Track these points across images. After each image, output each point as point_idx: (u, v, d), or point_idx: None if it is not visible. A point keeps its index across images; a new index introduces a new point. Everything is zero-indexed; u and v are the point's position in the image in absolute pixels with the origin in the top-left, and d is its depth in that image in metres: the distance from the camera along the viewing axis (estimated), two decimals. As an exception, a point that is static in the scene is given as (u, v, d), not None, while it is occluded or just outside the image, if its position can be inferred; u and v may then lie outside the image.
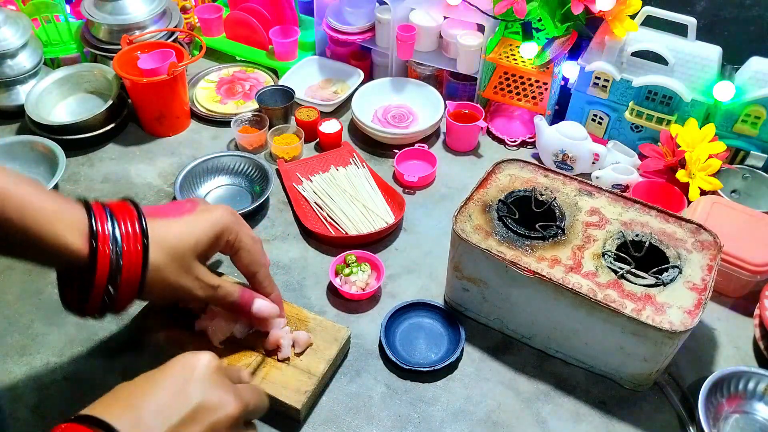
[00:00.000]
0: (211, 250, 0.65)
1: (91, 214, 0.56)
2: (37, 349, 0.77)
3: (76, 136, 1.04)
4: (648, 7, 0.95)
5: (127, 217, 0.58)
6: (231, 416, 0.48)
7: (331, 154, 1.06)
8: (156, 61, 1.06)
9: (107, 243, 0.55)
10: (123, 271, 0.56)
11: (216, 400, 0.47)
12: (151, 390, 0.46)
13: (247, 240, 0.67)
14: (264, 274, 0.70)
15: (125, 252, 0.56)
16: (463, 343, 0.76)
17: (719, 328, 0.81)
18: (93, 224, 0.55)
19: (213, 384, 0.48)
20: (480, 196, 0.78)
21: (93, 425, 0.42)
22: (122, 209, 0.59)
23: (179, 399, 0.46)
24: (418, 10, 1.13)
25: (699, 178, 0.91)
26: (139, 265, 0.57)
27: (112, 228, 0.56)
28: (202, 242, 0.62)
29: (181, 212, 0.64)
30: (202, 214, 0.65)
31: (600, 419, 0.72)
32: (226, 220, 0.65)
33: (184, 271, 0.61)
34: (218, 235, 0.64)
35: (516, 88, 1.12)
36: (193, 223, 0.63)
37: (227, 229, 0.65)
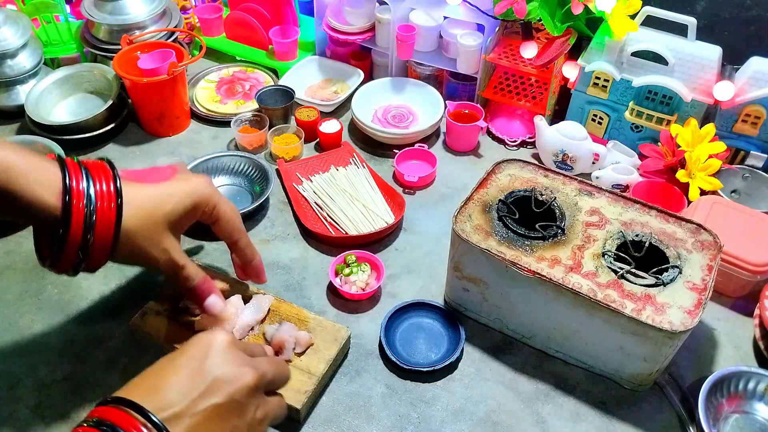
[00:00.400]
0: (187, 219, 0.65)
1: (65, 171, 0.57)
2: (37, 349, 0.77)
3: (76, 136, 1.04)
4: (648, 7, 0.95)
5: (102, 176, 0.59)
6: (248, 385, 0.50)
7: (331, 154, 1.06)
8: (156, 61, 1.06)
9: (81, 200, 0.56)
10: (96, 228, 0.57)
11: (232, 373, 0.50)
12: (171, 370, 0.49)
13: (226, 209, 0.67)
14: (245, 241, 0.71)
15: (99, 209, 0.57)
16: (463, 343, 0.76)
17: (719, 328, 0.81)
18: (67, 181, 0.56)
19: (228, 359, 0.51)
20: (480, 196, 0.78)
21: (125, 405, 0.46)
22: (98, 168, 0.59)
23: (197, 376, 0.49)
24: (418, 10, 1.13)
25: (699, 178, 0.91)
26: (111, 224, 0.58)
27: (86, 186, 0.57)
28: (176, 210, 0.63)
29: (160, 178, 0.64)
30: (180, 182, 0.64)
31: (600, 419, 0.72)
32: (204, 189, 0.65)
33: (155, 239, 0.62)
34: (195, 205, 0.64)
35: (516, 88, 1.12)
36: (170, 190, 0.63)
37: (204, 199, 0.65)
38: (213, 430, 0.48)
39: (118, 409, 0.46)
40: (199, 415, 0.47)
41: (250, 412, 0.51)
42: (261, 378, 0.52)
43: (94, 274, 0.84)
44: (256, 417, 0.52)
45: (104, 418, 0.46)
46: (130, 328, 0.76)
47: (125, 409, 0.46)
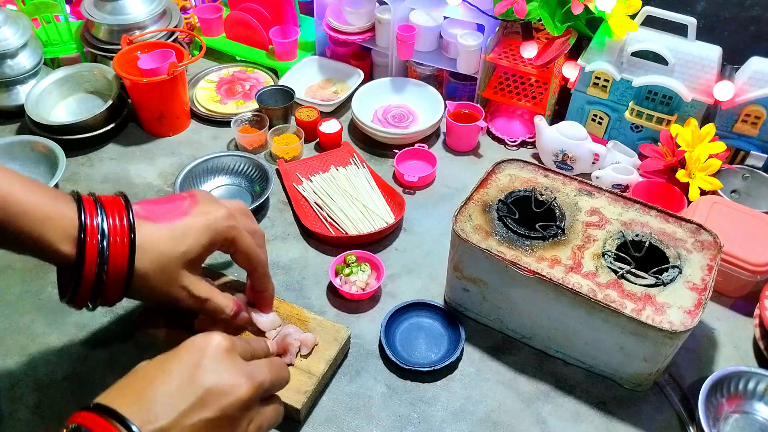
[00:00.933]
0: (205, 254, 0.63)
1: (82, 208, 0.57)
2: (37, 349, 0.77)
3: (76, 136, 1.04)
4: (648, 7, 0.95)
5: (116, 212, 0.58)
6: (242, 399, 0.48)
7: (331, 154, 1.06)
8: (156, 61, 1.06)
9: (95, 237, 0.56)
10: (110, 262, 0.56)
11: (226, 384, 0.48)
12: (161, 377, 0.47)
13: (243, 242, 0.65)
14: (261, 271, 0.69)
15: (111, 244, 0.56)
16: (463, 343, 0.76)
17: (719, 328, 0.81)
18: (82, 218, 0.56)
19: (223, 367, 0.48)
20: (480, 196, 0.78)
21: (106, 414, 0.44)
22: (112, 204, 0.59)
23: (188, 385, 0.46)
24: (418, 10, 1.13)
25: (699, 178, 0.91)
26: (125, 258, 0.57)
27: (101, 221, 0.57)
28: (192, 250, 0.61)
29: (176, 213, 0.62)
30: (197, 218, 0.62)
31: (600, 419, 0.72)
32: (221, 225, 0.63)
33: (171, 280, 0.60)
34: (212, 241, 0.62)
35: (516, 88, 1.12)
36: (185, 229, 0.61)
37: (221, 235, 0.63)
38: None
39: (100, 418, 0.44)
40: (188, 430, 0.45)
41: (242, 426, 0.49)
42: (257, 389, 0.50)
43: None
44: (249, 430, 0.50)
45: (85, 425, 0.44)
46: (130, 327, 0.76)
47: (108, 419, 0.44)
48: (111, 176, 1.03)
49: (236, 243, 0.65)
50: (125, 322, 0.78)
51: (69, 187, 1.00)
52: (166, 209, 0.62)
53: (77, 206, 0.57)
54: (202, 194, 0.66)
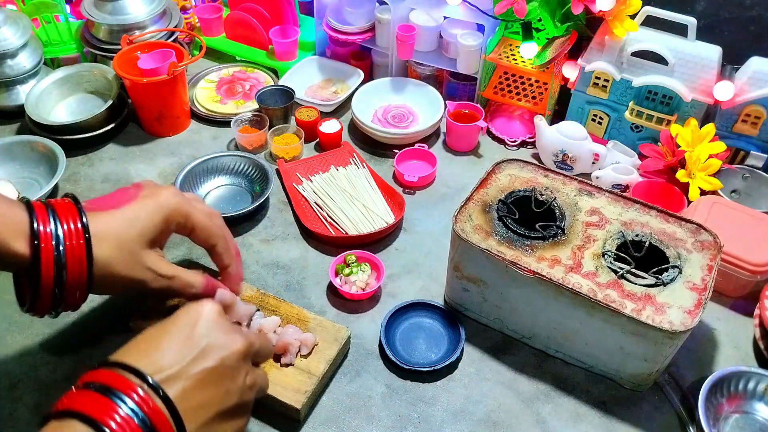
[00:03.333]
0: (162, 236, 0.63)
1: (33, 214, 0.56)
2: (37, 349, 0.77)
3: (76, 136, 1.04)
4: (648, 7, 0.95)
5: (68, 215, 0.57)
6: (239, 351, 0.52)
7: (331, 154, 1.06)
8: (156, 61, 1.06)
9: (49, 241, 0.55)
10: (68, 268, 0.56)
11: (222, 339, 0.52)
12: (163, 337, 0.50)
13: (199, 218, 0.65)
14: (222, 246, 0.68)
15: (68, 248, 0.56)
16: (463, 343, 0.76)
17: (719, 328, 0.81)
18: (34, 225, 0.55)
19: (217, 326, 0.52)
20: (480, 196, 0.78)
21: (118, 368, 0.47)
22: (63, 207, 0.58)
23: (189, 342, 0.50)
24: (418, 10, 1.13)
25: (699, 178, 0.91)
26: (83, 261, 0.57)
27: (54, 227, 0.56)
28: (148, 229, 0.61)
29: (123, 200, 0.62)
30: (145, 200, 0.62)
31: (600, 419, 0.72)
32: (172, 202, 0.63)
33: (134, 262, 0.60)
34: (166, 220, 0.62)
35: (516, 88, 1.12)
36: (136, 211, 0.61)
37: (174, 212, 0.63)
38: (207, 392, 0.49)
39: (111, 371, 0.46)
40: (193, 378, 0.48)
41: (241, 376, 0.52)
42: (250, 346, 0.54)
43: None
44: (246, 383, 0.53)
45: (98, 381, 0.45)
46: (130, 327, 0.76)
47: (119, 371, 0.46)
48: (111, 176, 1.03)
49: (190, 218, 0.65)
50: (125, 322, 0.78)
51: (69, 187, 1.00)
52: (113, 199, 0.62)
53: (28, 211, 0.56)
54: (147, 182, 0.66)
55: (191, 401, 0.48)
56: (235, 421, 0.52)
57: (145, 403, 0.45)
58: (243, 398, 0.53)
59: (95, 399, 0.44)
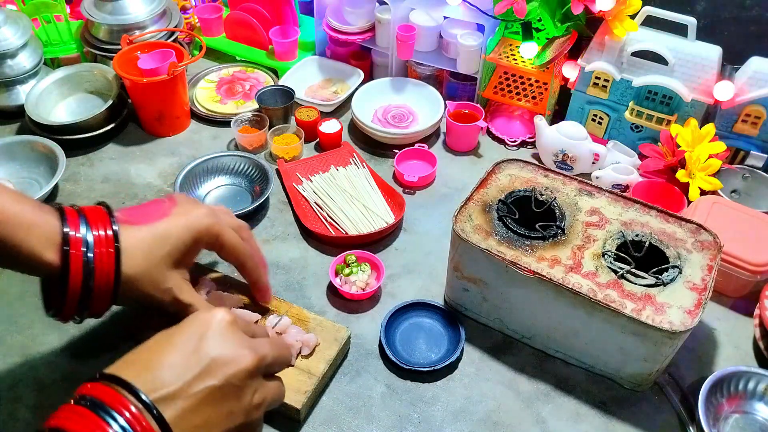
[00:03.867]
0: (190, 255, 0.63)
1: (64, 219, 0.56)
2: (37, 349, 0.77)
3: (76, 136, 1.04)
4: (648, 7, 0.95)
5: (99, 222, 0.58)
6: (246, 369, 0.49)
7: (331, 154, 1.06)
8: (156, 61, 1.06)
9: (79, 248, 0.55)
10: (96, 274, 0.56)
11: (230, 355, 0.49)
12: (167, 349, 0.48)
13: (228, 238, 0.65)
14: (250, 264, 0.69)
15: (97, 255, 0.56)
16: (463, 343, 0.76)
17: (719, 328, 0.81)
18: (66, 230, 0.56)
19: (226, 339, 0.49)
20: (480, 196, 0.78)
21: (114, 383, 0.45)
22: (95, 213, 0.59)
23: (194, 356, 0.47)
24: (418, 10, 1.13)
25: (699, 178, 0.91)
26: (111, 270, 0.57)
27: (85, 233, 0.56)
28: (177, 249, 0.61)
29: (157, 215, 0.62)
30: (178, 218, 0.62)
31: (600, 419, 0.72)
32: (203, 223, 0.63)
33: (157, 281, 0.60)
34: (195, 240, 0.62)
35: (516, 88, 1.12)
36: (168, 228, 0.61)
37: (205, 233, 0.63)
38: (207, 413, 0.46)
39: (107, 387, 0.45)
40: (194, 398, 0.46)
41: (247, 396, 0.50)
42: (260, 361, 0.51)
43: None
44: (253, 402, 0.50)
45: (92, 395, 0.44)
46: (130, 327, 0.76)
47: (115, 386, 0.44)
48: (111, 176, 1.03)
49: (220, 238, 0.65)
50: (125, 321, 0.78)
51: (69, 187, 1.00)
52: (146, 212, 0.62)
53: (60, 217, 0.57)
54: (182, 196, 0.66)
55: (189, 422, 0.45)
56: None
57: (137, 422, 0.43)
58: (249, 418, 0.50)
59: (85, 417, 0.43)
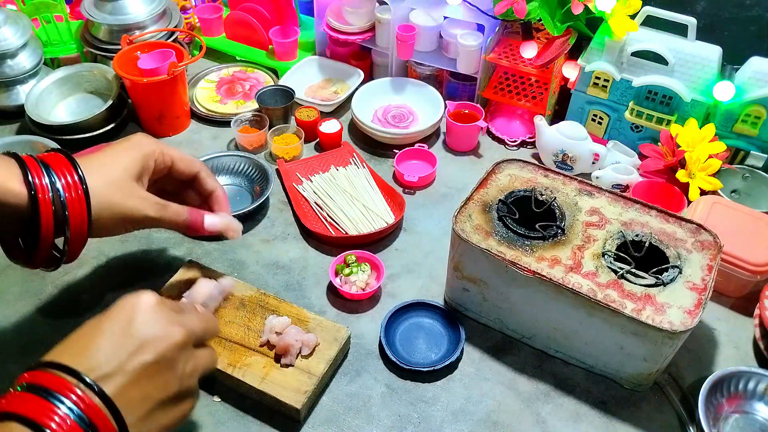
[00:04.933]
0: (144, 171, 0.67)
1: (25, 167, 0.58)
2: (37, 349, 0.76)
3: (76, 136, 1.04)
4: (648, 7, 0.95)
5: (63, 168, 0.60)
6: (176, 343, 0.52)
7: (331, 154, 1.06)
8: (156, 61, 1.06)
9: (47, 193, 0.58)
10: (70, 220, 0.59)
11: (160, 333, 0.51)
12: (98, 334, 0.50)
13: (176, 152, 0.70)
14: (205, 171, 0.73)
15: (69, 200, 0.59)
16: (463, 343, 0.76)
17: (719, 328, 0.81)
18: (29, 177, 0.58)
19: (155, 319, 0.52)
20: (480, 196, 0.78)
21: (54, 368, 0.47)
22: (56, 161, 0.61)
23: (125, 338, 0.50)
24: (418, 10, 1.13)
25: (699, 178, 0.91)
26: (84, 211, 0.59)
27: (49, 180, 0.59)
28: (133, 163, 0.65)
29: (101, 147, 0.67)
30: (121, 143, 0.67)
31: (600, 419, 0.72)
32: (145, 141, 0.68)
33: (128, 192, 0.64)
34: (144, 156, 0.67)
35: (516, 88, 1.12)
36: (116, 150, 0.66)
37: (150, 149, 0.68)
38: (145, 386, 0.49)
39: (48, 373, 0.46)
40: (131, 374, 0.48)
41: (179, 366, 0.52)
42: (189, 335, 0.53)
43: (95, 274, 0.85)
44: (186, 371, 0.53)
45: (35, 382, 0.46)
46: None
47: (55, 372, 0.46)
48: (111, 176, 1.03)
49: (167, 153, 0.70)
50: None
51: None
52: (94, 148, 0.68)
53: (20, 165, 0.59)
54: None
55: (130, 396, 0.48)
56: (177, 407, 0.52)
57: (82, 401, 0.45)
58: (184, 385, 0.53)
59: (34, 401, 0.45)
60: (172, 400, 0.51)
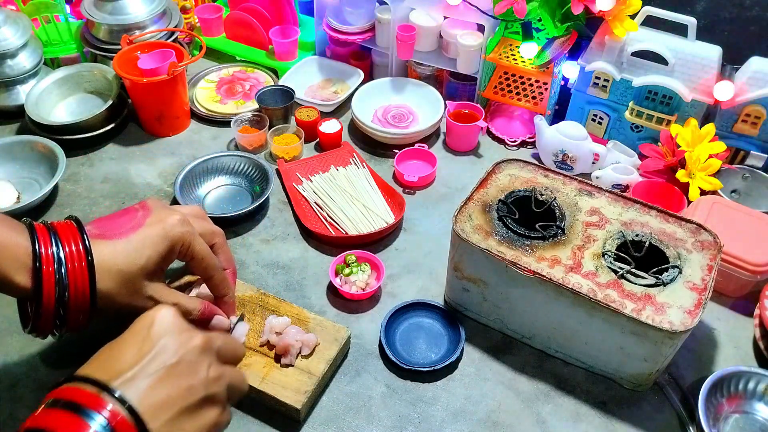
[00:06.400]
0: (164, 263, 0.64)
1: (35, 238, 0.57)
2: (37, 349, 0.77)
3: (76, 136, 1.04)
4: (648, 7, 0.95)
5: (70, 238, 0.58)
6: (196, 345, 0.51)
7: (331, 154, 1.06)
8: (156, 61, 1.06)
9: (51, 264, 0.57)
10: (70, 289, 0.57)
11: (179, 337, 0.51)
12: (121, 348, 0.50)
13: (198, 250, 0.66)
14: (218, 278, 0.69)
15: (70, 270, 0.57)
16: (463, 343, 0.76)
17: (719, 328, 0.81)
18: (36, 248, 0.57)
19: (173, 327, 0.52)
20: (480, 196, 0.78)
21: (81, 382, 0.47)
22: (66, 229, 0.59)
23: (145, 344, 0.50)
24: (418, 10, 1.13)
25: (699, 178, 0.91)
26: (86, 283, 0.58)
27: (56, 250, 0.57)
28: (151, 261, 0.62)
29: (131, 226, 0.62)
30: (152, 228, 0.62)
31: (600, 419, 0.72)
32: (177, 232, 0.63)
33: (135, 294, 0.61)
34: (170, 249, 0.63)
35: (516, 88, 1.12)
36: (142, 241, 0.61)
37: (178, 242, 0.64)
38: (167, 390, 0.48)
39: (71, 387, 0.46)
40: (153, 377, 0.48)
41: (202, 370, 0.51)
42: (209, 341, 0.53)
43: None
44: (210, 376, 0.52)
45: (66, 398, 0.46)
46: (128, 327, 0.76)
47: (78, 384, 0.46)
48: (111, 176, 1.03)
49: (192, 248, 0.65)
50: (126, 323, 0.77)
51: (69, 187, 1.00)
52: (119, 224, 0.62)
53: (30, 235, 0.57)
54: (155, 203, 0.66)
55: (152, 401, 0.47)
56: (204, 415, 0.51)
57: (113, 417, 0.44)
58: (209, 391, 0.51)
59: (65, 417, 0.44)
60: (198, 406, 0.50)
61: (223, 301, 0.71)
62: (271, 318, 0.74)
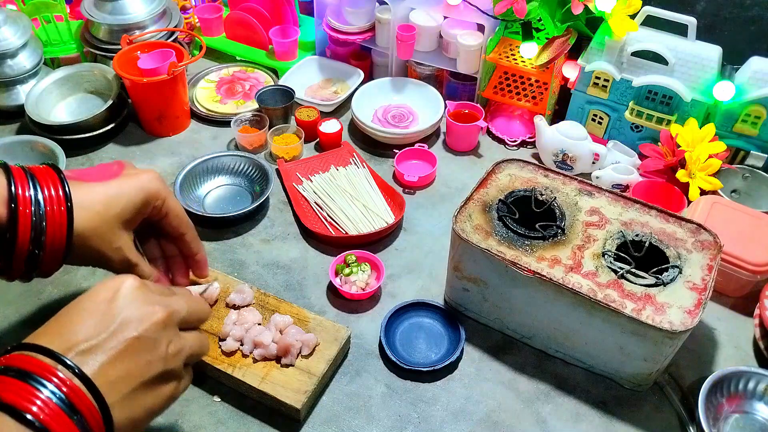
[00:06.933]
0: (138, 216, 0.64)
1: (11, 178, 0.57)
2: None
3: (76, 136, 1.04)
4: (648, 7, 0.95)
5: (49, 181, 0.58)
6: (157, 322, 0.51)
7: (331, 154, 1.06)
8: (156, 61, 1.06)
9: (28, 206, 0.56)
10: (47, 233, 0.57)
11: (139, 313, 0.50)
12: (78, 316, 0.49)
13: (175, 204, 0.67)
14: (191, 235, 0.70)
15: (48, 214, 0.57)
16: (463, 343, 0.76)
17: (719, 328, 0.81)
18: (12, 189, 0.56)
19: (135, 299, 0.51)
20: (480, 196, 0.78)
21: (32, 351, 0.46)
22: (45, 174, 0.59)
23: (105, 318, 0.49)
24: (418, 10, 1.13)
25: (699, 178, 0.91)
26: (63, 227, 0.57)
27: (34, 192, 0.57)
28: (128, 208, 0.62)
29: (107, 176, 0.63)
30: (129, 178, 0.63)
31: (600, 419, 0.72)
32: (154, 185, 0.64)
33: (108, 239, 0.61)
34: (145, 200, 0.64)
35: (516, 88, 1.12)
36: (120, 187, 0.62)
37: (155, 195, 0.64)
38: (126, 364, 0.48)
39: (24, 355, 0.46)
40: (111, 351, 0.47)
41: (162, 346, 0.51)
42: (171, 315, 0.52)
43: (94, 273, 0.85)
44: (170, 351, 0.52)
45: (11, 365, 0.45)
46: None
47: (34, 354, 0.45)
48: (111, 176, 1.03)
49: (167, 203, 0.66)
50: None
51: (69, 187, 1.00)
52: (96, 172, 0.63)
53: (6, 175, 0.57)
54: (127, 162, 0.67)
55: (110, 374, 0.47)
56: (162, 389, 0.51)
57: (64, 384, 0.44)
58: (168, 366, 0.51)
59: (14, 385, 0.44)
60: (156, 381, 0.50)
61: (195, 260, 0.72)
62: (275, 316, 0.74)
